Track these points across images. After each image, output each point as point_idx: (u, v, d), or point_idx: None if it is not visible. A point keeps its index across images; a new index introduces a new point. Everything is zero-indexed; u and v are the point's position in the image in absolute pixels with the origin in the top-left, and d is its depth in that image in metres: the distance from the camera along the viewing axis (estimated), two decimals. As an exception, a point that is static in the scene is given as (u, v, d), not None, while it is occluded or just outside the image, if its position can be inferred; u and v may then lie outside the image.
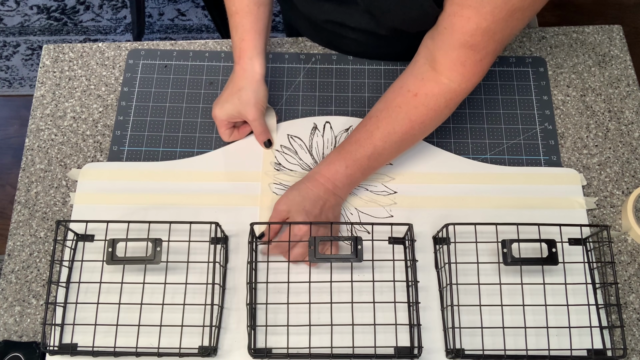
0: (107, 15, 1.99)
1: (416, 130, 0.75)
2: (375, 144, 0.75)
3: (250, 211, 0.80)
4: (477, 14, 0.64)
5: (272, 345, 0.72)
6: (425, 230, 0.79)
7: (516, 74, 0.91)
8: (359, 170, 0.76)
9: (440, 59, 0.71)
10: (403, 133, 0.75)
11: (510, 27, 0.66)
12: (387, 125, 0.75)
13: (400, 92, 0.74)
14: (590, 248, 0.77)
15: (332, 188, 0.76)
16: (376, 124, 0.75)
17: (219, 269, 0.75)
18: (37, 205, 0.82)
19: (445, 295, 0.74)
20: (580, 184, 0.82)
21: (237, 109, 0.80)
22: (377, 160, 0.77)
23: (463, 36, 0.67)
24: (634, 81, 0.91)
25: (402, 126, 0.74)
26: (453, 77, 0.71)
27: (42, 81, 0.91)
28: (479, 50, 0.68)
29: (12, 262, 0.79)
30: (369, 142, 0.75)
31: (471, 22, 0.65)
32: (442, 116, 0.75)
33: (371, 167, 0.78)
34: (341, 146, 0.78)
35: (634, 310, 0.76)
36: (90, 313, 0.73)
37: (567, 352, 0.70)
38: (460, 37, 0.67)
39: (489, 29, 0.65)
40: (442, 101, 0.73)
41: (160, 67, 0.92)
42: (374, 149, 0.75)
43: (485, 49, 0.68)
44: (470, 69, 0.70)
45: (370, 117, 0.77)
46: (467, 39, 0.67)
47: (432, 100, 0.73)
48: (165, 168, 0.83)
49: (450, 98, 0.73)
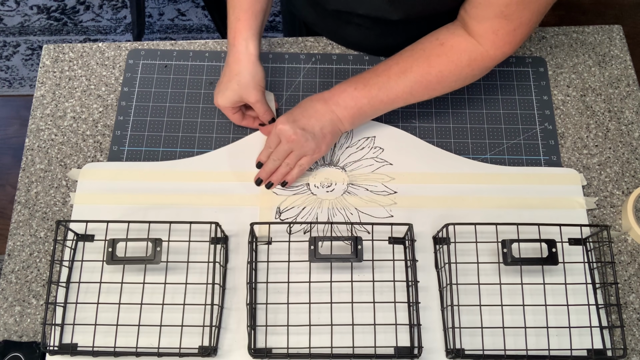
0: (107, 15, 1.99)
1: (432, 77, 0.76)
2: (390, 77, 0.76)
3: (250, 211, 0.80)
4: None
5: (272, 345, 0.72)
6: (425, 230, 0.79)
7: (516, 74, 0.91)
8: (367, 98, 0.77)
9: (473, 27, 0.73)
10: (419, 74, 0.76)
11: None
12: (406, 62, 0.76)
13: (429, 39, 0.77)
14: (590, 248, 0.77)
15: (334, 107, 0.77)
16: (396, 60, 0.77)
17: (219, 269, 0.75)
18: (37, 205, 0.82)
19: (445, 295, 0.74)
20: (580, 184, 0.82)
21: (238, 94, 0.81)
22: (388, 96, 0.77)
23: (499, 7, 0.68)
24: (634, 81, 0.91)
25: (419, 67, 0.75)
26: (483, 42, 0.73)
27: (42, 81, 0.91)
28: (512, 20, 0.69)
29: (12, 262, 0.79)
30: (385, 74, 0.77)
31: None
32: (462, 75, 0.76)
33: (379, 100, 0.78)
34: (359, 75, 0.79)
35: (634, 310, 0.76)
36: (90, 313, 0.73)
37: (567, 352, 0.70)
38: (496, 8, 0.69)
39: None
40: (465, 57, 0.74)
41: (160, 67, 0.92)
42: (387, 81, 0.76)
43: (519, 19, 0.69)
44: (502, 37, 0.71)
45: (392, 57, 0.78)
46: (502, 10, 0.68)
47: (456, 54, 0.74)
48: (165, 168, 0.83)
49: (474, 58, 0.74)
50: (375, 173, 0.83)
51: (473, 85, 0.90)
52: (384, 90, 0.77)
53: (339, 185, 0.82)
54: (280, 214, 0.80)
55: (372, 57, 0.93)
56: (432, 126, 0.88)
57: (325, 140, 0.78)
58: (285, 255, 0.75)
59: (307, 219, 0.80)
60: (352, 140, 0.86)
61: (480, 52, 0.74)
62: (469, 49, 0.74)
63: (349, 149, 0.85)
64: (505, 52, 0.73)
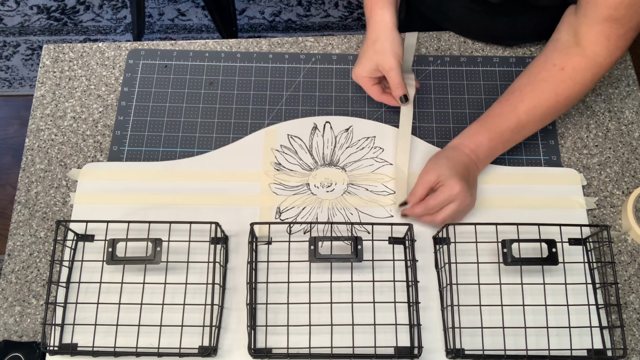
0: (107, 15, 1.99)
1: (561, 104, 0.76)
2: (520, 117, 0.76)
3: (250, 211, 0.80)
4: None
5: (272, 345, 0.72)
6: (425, 230, 0.79)
7: (516, 74, 0.91)
8: (501, 143, 0.78)
9: (584, 34, 0.72)
10: (548, 107, 0.76)
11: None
12: (532, 99, 0.76)
13: (545, 66, 0.76)
14: (590, 248, 0.77)
15: (475, 159, 0.77)
16: (520, 98, 0.77)
17: (219, 269, 0.75)
18: (37, 205, 0.82)
19: (445, 295, 0.74)
20: (580, 184, 0.82)
21: (374, 61, 0.80)
22: (520, 133, 0.78)
23: (607, 10, 0.68)
24: (634, 81, 0.91)
25: (547, 100, 0.75)
26: (598, 51, 0.73)
27: (42, 81, 0.91)
28: (623, 23, 0.69)
29: (12, 262, 0.79)
30: (513, 114, 0.76)
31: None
32: (587, 90, 0.77)
33: (512, 140, 0.79)
34: (483, 119, 0.79)
35: (634, 310, 0.76)
36: (90, 313, 0.73)
37: (567, 352, 0.70)
38: (605, 10, 0.68)
39: (633, 1, 0.66)
40: (588, 75, 0.74)
41: (160, 67, 0.92)
42: (517, 122, 0.76)
43: (629, 23, 0.69)
44: (614, 42, 0.71)
45: (512, 91, 0.78)
46: (611, 13, 0.68)
47: (580, 75, 0.74)
48: (165, 168, 0.83)
49: (596, 72, 0.74)
50: (375, 173, 0.83)
51: (473, 85, 0.90)
52: (516, 132, 0.78)
53: (339, 185, 0.82)
54: (280, 214, 0.80)
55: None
56: (432, 126, 0.87)
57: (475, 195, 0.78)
58: (285, 255, 0.75)
59: (307, 219, 0.80)
60: (352, 140, 0.86)
61: (599, 64, 0.74)
62: (590, 65, 0.74)
63: (349, 149, 0.85)
64: (618, 57, 0.74)
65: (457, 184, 0.73)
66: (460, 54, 0.93)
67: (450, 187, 0.73)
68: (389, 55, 0.79)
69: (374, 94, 0.84)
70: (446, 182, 0.73)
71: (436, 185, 0.75)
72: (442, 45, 0.94)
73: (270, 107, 0.89)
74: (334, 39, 0.95)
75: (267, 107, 0.89)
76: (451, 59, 0.93)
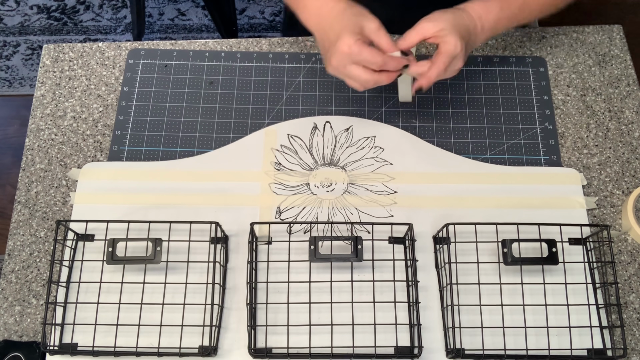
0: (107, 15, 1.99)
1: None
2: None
3: (250, 211, 0.80)
4: None
5: (272, 345, 0.72)
6: (425, 230, 0.79)
7: (516, 74, 0.91)
8: (507, 18, 0.76)
9: None
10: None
11: None
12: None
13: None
14: (590, 248, 0.77)
15: (479, 27, 0.75)
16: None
17: (219, 268, 0.75)
18: (37, 205, 0.82)
19: (445, 295, 0.74)
20: (581, 184, 0.82)
21: (356, 22, 0.69)
22: (523, 11, 0.77)
23: None
24: (634, 81, 0.91)
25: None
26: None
27: (42, 81, 0.91)
28: None
29: (12, 262, 0.79)
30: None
31: None
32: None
33: (516, 18, 0.78)
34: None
35: (634, 310, 0.76)
36: (90, 313, 0.73)
37: (567, 352, 0.70)
38: None
39: None
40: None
41: (160, 67, 0.92)
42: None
43: None
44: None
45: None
46: None
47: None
48: (165, 168, 0.83)
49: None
50: (375, 173, 0.83)
51: (473, 85, 0.90)
52: (521, 9, 0.77)
53: (339, 185, 0.82)
54: (280, 213, 0.80)
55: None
56: (432, 126, 0.88)
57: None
58: (285, 255, 0.75)
59: (307, 219, 0.80)
60: (352, 140, 0.86)
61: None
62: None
63: (349, 149, 0.85)
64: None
65: (459, 43, 0.69)
66: (460, 53, 0.93)
67: (454, 45, 0.69)
68: (368, 14, 0.70)
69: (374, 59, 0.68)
70: (446, 39, 0.69)
71: (432, 38, 0.71)
72: (442, 45, 0.94)
73: (270, 106, 0.89)
74: (334, 39, 0.95)
75: (267, 106, 0.89)
76: (451, 58, 0.93)
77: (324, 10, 0.72)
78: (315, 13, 0.73)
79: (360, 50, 0.68)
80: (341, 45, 0.68)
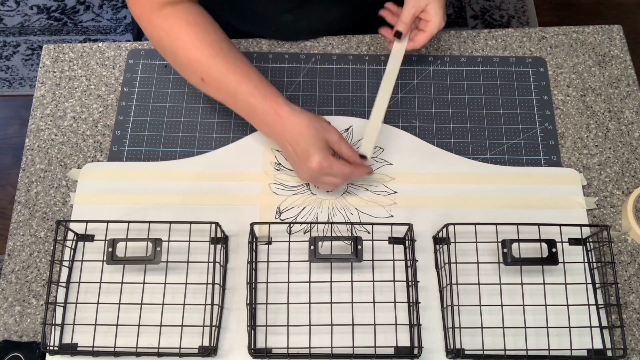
0: (107, 15, 1.99)
1: None
2: None
3: (250, 211, 0.80)
4: None
5: (272, 345, 0.72)
6: (425, 230, 0.79)
7: (516, 74, 0.91)
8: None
9: None
10: None
11: None
12: None
13: None
14: (590, 248, 0.77)
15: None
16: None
17: (219, 269, 0.75)
18: (37, 205, 0.82)
19: (445, 295, 0.74)
20: (580, 184, 0.82)
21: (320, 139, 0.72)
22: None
23: None
24: (634, 81, 0.91)
25: None
26: None
27: (42, 81, 0.91)
28: None
29: (12, 262, 0.79)
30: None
31: None
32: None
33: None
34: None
35: (634, 310, 0.76)
36: (90, 313, 0.73)
37: (567, 352, 0.70)
38: None
39: None
40: None
41: (160, 67, 0.92)
42: None
43: None
44: None
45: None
46: None
47: None
48: (165, 168, 0.83)
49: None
50: (375, 173, 0.83)
51: (473, 85, 0.90)
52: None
53: (339, 185, 0.82)
54: (280, 214, 0.80)
55: (373, 55, 0.93)
56: (432, 126, 0.88)
57: None
58: (285, 255, 0.75)
59: (307, 219, 0.80)
60: (352, 140, 0.86)
61: None
62: None
63: (349, 149, 0.85)
64: None
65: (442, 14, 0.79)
66: (460, 54, 0.93)
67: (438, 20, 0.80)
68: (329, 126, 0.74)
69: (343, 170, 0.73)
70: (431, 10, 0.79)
71: (420, 13, 0.80)
72: (442, 45, 0.94)
73: (270, 107, 0.89)
74: (333, 39, 0.95)
75: (267, 107, 0.89)
76: (451, 59, 0.93)
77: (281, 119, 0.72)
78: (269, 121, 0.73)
79: (330, 166, 0.72)
80: (312, 164, 0.72)
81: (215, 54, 0.71)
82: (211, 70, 0.71)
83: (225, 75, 0.71)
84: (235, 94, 0.72)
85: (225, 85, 0.72)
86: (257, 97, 0.71)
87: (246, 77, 0.72)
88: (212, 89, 0.73)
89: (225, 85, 0.72)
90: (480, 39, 0.95)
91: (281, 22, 0.87)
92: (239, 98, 0.72)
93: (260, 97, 0.71)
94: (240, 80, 0.71)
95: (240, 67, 0.72)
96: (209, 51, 0.71)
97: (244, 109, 0.73)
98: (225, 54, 0.72)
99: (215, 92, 0.74)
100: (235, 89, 0.71)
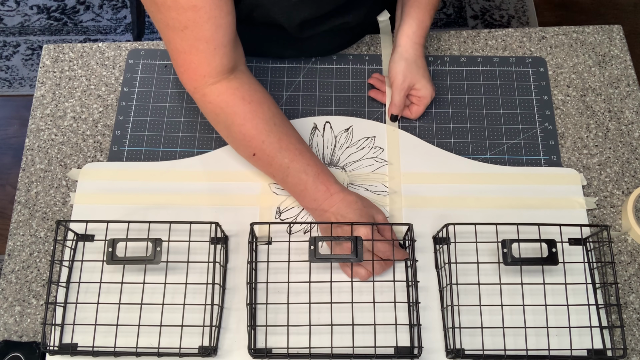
0: (107, 15, 1.99)
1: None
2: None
3: (250, 211, 0.80)
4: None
5: (272, 345, 0.72)
6: (425, 230, 0.79)
7: (516, 74, 0.91)
8: (426, 27, 0.86)
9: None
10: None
11: None
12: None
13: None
14: (590, 248, 0.77)
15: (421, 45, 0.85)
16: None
17: (219, 269, 0.75)
18: (37, 205, 0.82)
19: (445, 295, 0.74)
20: (580, 184, 0.82)
21: (368, 213, 0.74)
22: (431, 12, 0.86)
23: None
24: (634, 81, 0.91)
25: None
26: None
27: (42, 81, 0.91)
28: None
29: (12, 262, 0.79)
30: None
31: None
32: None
33: (429, 21, 0.86)
34: (406, 12, 0.85)
35: (634, 310, 0.76)
36: (90, 313, 0.73)
37: (567, 352, 0.70)
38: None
39: None
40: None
41: (160, 67, 0.92)
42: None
43: None
44: None
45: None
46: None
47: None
48: (165, 168, 0.83)
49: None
50: (375, 173, 0.83)
51: (473, 85, 0.90)
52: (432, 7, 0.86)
53: (339, 185, 0.82)
54: (280, 214, 0.80)
55: (373, 55, 0.93)
56: (432, 126, 0.88)
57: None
58: (285, 255, 0.75)
59: (307, 219, 0.80)
60: (352, 140, 0.86)
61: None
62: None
63: (349, 149, 0.85)
64: None
65: (431, 87, 0.85)
66: (460, 54, 0.93)
67: (429, 93, 0.85)
68: (377, 207, 0.77)
69: (385, 247, 0.73)
70: (420, 87, 0.84)
71: (410, 90, 0.85)
72: (442, 45, 0.94)
73: (270, 107, 0.89)
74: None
75: (267, 107, 0.89)
76: (451, 59, 0.93)
77: (331, 195, 0.74)
78: (319, 197, 0.75)
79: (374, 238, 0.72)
80: (358, 233, 0.72)
81: (270, 130, 0.74)
82: (264, 146, 0.74)
83: (278, 151, 0.74)
84: (286, 170, 0.74)
85: (277, 162, 0.74)
86: (309, 174, 0.74)
87: (299, 154, 0.74)
88: (262, 163, 0.76)
89: (277, 161, 0.74)
90: (480, 39, 0.95)
91: (285, 55, 0.92)
92: (290, 174, 0.74)
93: (312, 174, 0.74)
94: (294, 157, 0.74)
95: (293, 144, 0.75)
96: (264, 127, 0.73)
97: (294, 184, 0.75)
98: (278, 131, 0.74)
99: (266, 166, 0.76)
100: (288, 165, 0.74)
